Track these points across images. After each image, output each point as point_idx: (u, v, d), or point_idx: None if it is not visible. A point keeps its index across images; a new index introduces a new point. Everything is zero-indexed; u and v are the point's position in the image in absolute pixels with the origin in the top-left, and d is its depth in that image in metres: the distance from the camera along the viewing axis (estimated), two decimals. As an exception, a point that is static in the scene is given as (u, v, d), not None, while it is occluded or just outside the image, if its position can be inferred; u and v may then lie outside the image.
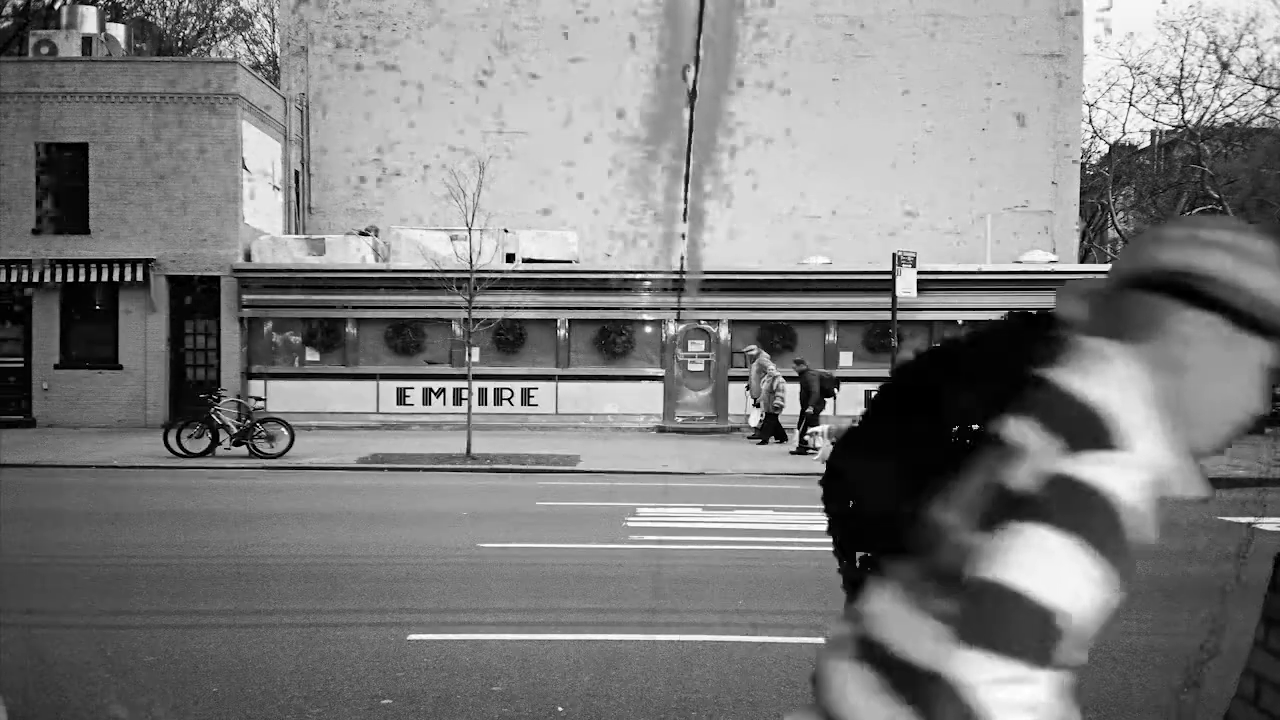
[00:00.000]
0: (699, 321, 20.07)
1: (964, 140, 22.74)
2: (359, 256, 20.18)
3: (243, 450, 15.12)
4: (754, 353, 18.40)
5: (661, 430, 19.73)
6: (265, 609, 6.38)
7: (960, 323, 19.84)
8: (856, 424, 1.40)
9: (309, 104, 22.97)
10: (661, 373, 20.05)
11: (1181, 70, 29.46)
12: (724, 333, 20.04)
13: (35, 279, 19.40)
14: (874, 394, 1.41)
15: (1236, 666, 2.40)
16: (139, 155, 19.66)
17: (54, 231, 19.69)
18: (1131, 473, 1.04)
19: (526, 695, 4.82)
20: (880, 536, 1.36)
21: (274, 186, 21.63)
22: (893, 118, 22.78)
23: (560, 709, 4.65)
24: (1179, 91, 29.49)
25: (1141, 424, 1.08)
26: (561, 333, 19.98)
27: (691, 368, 20.17)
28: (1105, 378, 1.10)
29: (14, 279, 19.42)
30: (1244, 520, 10.18)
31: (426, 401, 19.93)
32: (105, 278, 19.46)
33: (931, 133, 22.73)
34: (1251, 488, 13.39)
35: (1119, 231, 33.76)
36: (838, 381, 17.62)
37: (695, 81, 20.08)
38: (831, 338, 19.94)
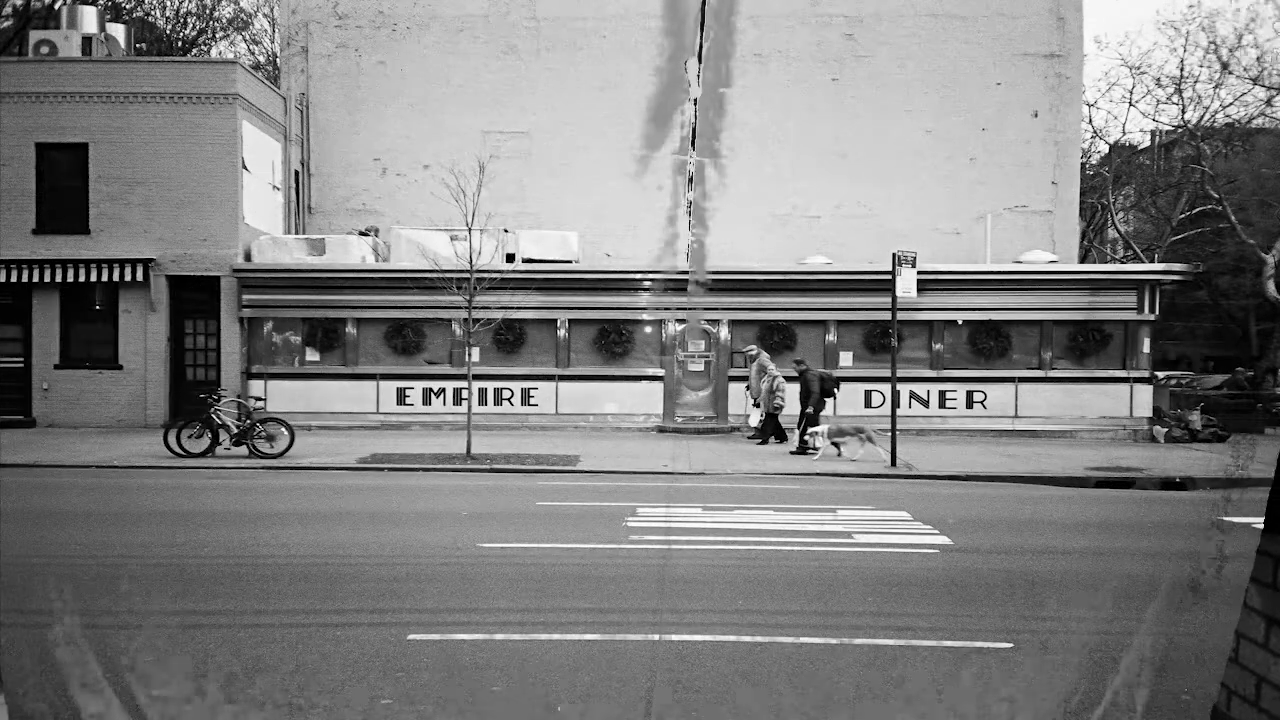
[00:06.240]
0: (699, 321, 20.07)
1: (964, 140, 22.73)
2: (359, 256, 20.18)
3: (243, 450, 15.12)
4: (754, 353, 18.40)
5: (661, 430, 19.73)
6: (265, 609, 6.38)
7: (960, 322, 19.85)
8: None
9: (309, 104, 22.96)
10: (661, 373, 20.05)
11: (1181, 70, 29.43)
12: (724, 333, 20.04)
13: (35, 279, 19.41)
14: None
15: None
16: (139, 155, 19.66)
17: (54, 231, 19.69)
18: None
19: (526, 695, 4.82)
20: None
21: (274, 186, 21.63)
22: (893, 118, 22.77)
23: (560, 709, 4.65)
24: (1179, 91, 29.46)
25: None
26: (561, 333, 19.98)
27: (691, 368, 20.17)
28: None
29: (14, 279, 19.42)
30: (1240, 520, 10.17)
31: (426, 401, 19.93)
32: (105, 278, 19.47)
33: (931, 133, 22.73)
34: (1254, 488, 13.39)
35: (1119, 231, 33.73)
36: (838, 381, 17.62)
37: (698, 77, 20.08)
38: (831, 338, 19.94)
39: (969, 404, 19.79)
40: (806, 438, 15.99)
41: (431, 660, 5.31)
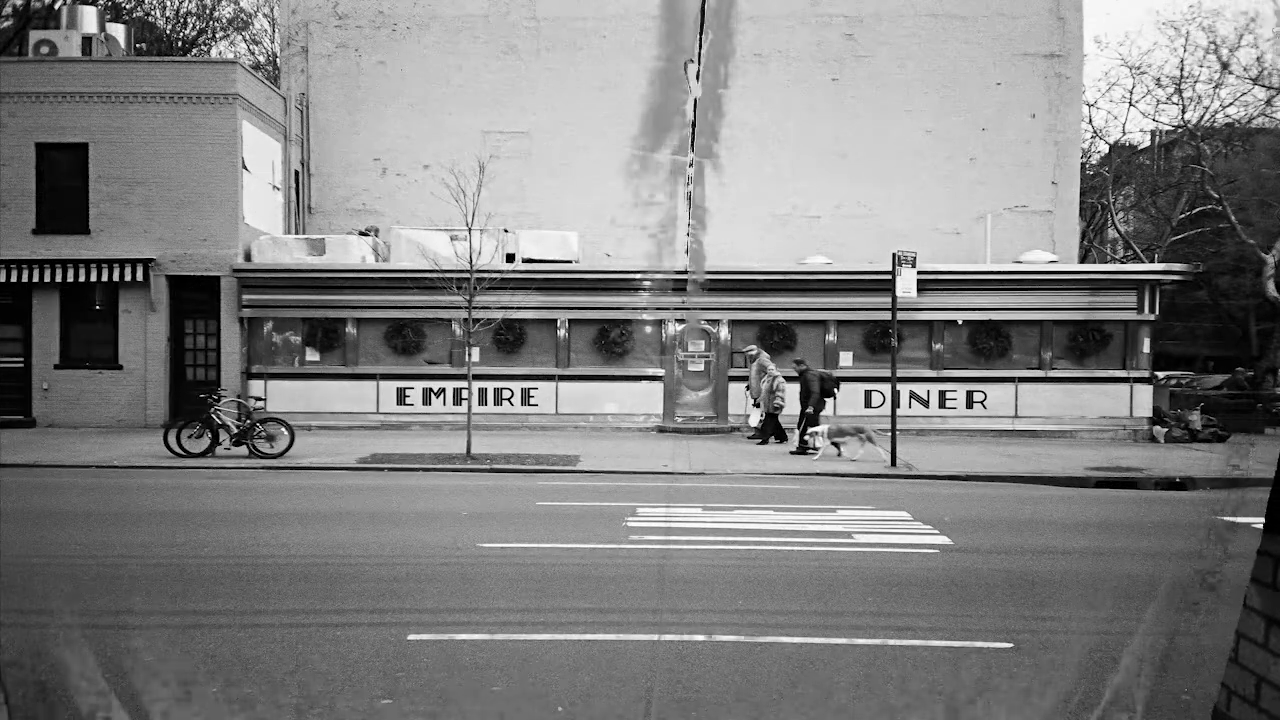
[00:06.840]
0: (699, 321, 20.08)
1: (964, 140, 22.73)
2: (359, 256, 20.18)
3: (243, 450, 15.12)
4: (754, 353, 18.40)
5: (661, 430, 19.73)
6: (265, 609, 6.38)
7: (960, 322, 19.86)
8: None
9: (309, 104, 22.96)
10: (661, 373, 20.05)
11: (1181, 70, 29.43)
12: (724, 333, 20.03)
13: (35, 279, 19.41)
14: None
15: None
16: (139, 155, 19.66)
17: (54, 231, 19.69)
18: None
19: (526, 695, 4.82)
20: None
21: (274, 186, 21.63)
22: (893, 118, 22.77)
23: (560, 709, 4.65)
24: (1179, 91, 29.46)
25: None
26: (561, 333, 19.98)
27: (691, 368, 20.17)
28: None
29: (14, 279, 19.42)
30: (1240, 520, 10.17)
31: (426, 401, 19.93)
32: (105, 277, 19.46)
33: (931, 133, 22.73)
34: (1251, 488, 13.40)
35: (1119, 231, 33.73)
36: (838, 381, 17.62)
37: (697, 78, 20.07)
38: (831, 338, 19.94)
39: (969, 404, 19.79)
40: (806, 438, 15.99)
41: (431, 660, 5.31)
